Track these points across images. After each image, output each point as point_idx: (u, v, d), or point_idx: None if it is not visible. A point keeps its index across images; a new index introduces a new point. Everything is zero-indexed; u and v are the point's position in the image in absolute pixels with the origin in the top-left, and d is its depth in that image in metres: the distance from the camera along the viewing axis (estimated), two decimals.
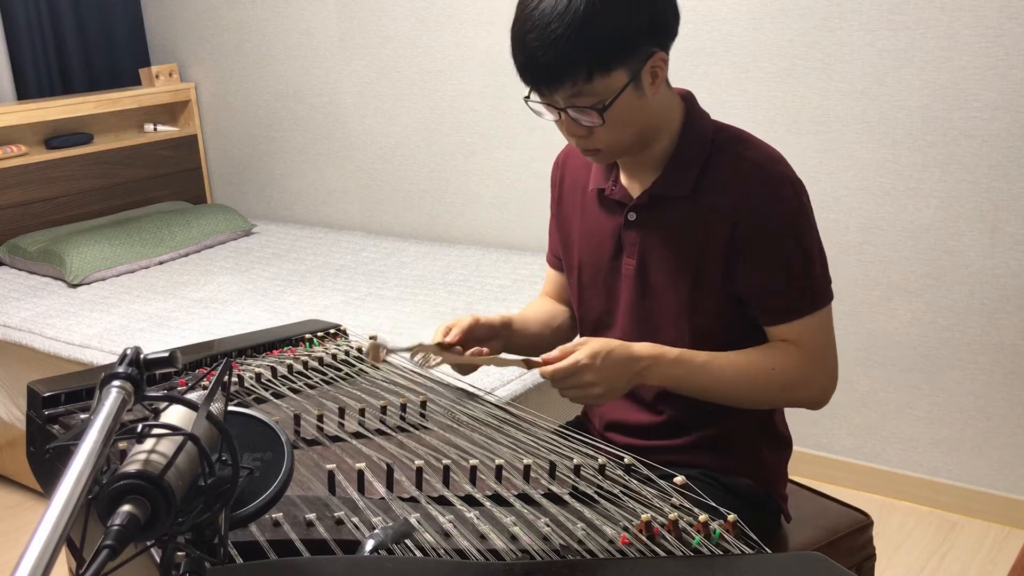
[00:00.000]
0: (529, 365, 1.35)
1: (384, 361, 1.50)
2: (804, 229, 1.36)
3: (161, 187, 4.07)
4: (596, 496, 1.15)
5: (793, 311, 1.36)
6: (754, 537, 1.06)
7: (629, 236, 1.44)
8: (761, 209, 1.33)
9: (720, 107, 2.72)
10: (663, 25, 1.31)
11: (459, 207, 3.48)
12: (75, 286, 3.22)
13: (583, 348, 1.29)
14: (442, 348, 1.44)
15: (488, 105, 3.28)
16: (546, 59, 1.26)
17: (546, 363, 1.31)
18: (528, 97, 1.35)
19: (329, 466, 1.15)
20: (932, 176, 2.48)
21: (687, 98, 1.43)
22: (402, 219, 3.66)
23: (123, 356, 0.81)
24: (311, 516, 1.06)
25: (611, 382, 1.30)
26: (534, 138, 3.20)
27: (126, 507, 0.73)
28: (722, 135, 1.40)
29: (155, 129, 4.06)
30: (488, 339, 1.49)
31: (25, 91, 3.80)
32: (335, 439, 1.31)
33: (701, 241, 1.37)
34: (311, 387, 1.49)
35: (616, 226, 1.45)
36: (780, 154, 1.38)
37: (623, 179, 1.46)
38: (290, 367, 1.56)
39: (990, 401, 2.53)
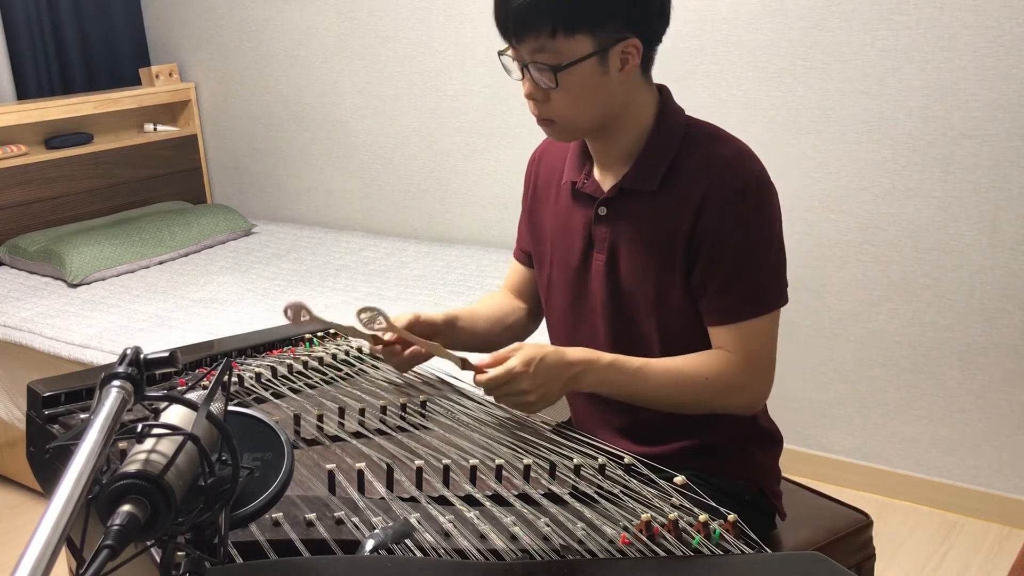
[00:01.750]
0: (464, 365, 1.36)
1: (301, 322, 1.45)
2: (762, 230, 1.35)
3: (161, 187, 4.07)
4: (596, 496, 1.15)
5: (737, 313, 1.35)
6: (754, 537, 1.06)
7: (599, 231, 1.43)
8: (722, 205, 1.32)
9: (720, 107, 2.73)
10: (643, 15, 1.31)
11: (459, 207, 3.48)
12: (75, 286, 3.22)
13: (517, 355, 1.29)
14: (376, 341, 1.44)
15: (488, 105, 3.28)
16: (515, 4, 1.28)
17: (481, 369, 1.31)
18: (502, 52, 1.36)
19: (329, 466, 1.15)
20: (932, 176, 2.48)
21: (663, 91, 1.43)
22: (402, 219, 3.66)
23: (123, 356, 0.81)
24: (311, 516, 1.06)
25: (545, 388, 1.30)
26: (534, 138, 3.19)
27: (126, 507, 0.73)
28: (694, 131, 1.39)
29: (155, 129, 4.06)
30: (428, 336, 1.49)
31: (25, 91, 3.80)
32: (335, 439, 1.31)
33: (666, 237, 1.37)
34: (311, 387, 1.49)
35: (587, 221, 1.45)
36: (751, 151, 1.37)
37: (596, 173, 1.45)
38: (290, 367, 1.56)
39: (990, 401, 2.53)
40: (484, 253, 3.27)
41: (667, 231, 1.36)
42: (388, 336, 1.45)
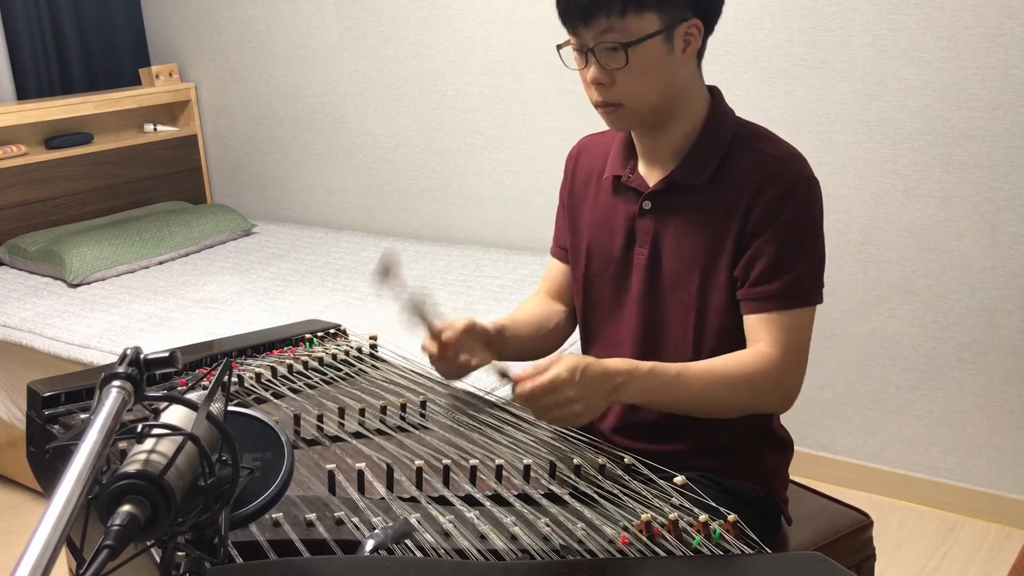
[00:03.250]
0: (503, 376, 1.30)
1: (387, 282, 1.40)
2: (808, 229, 1.37)
3: (161, 187, 4.07)
4: (596, 496, 1.15)
5: (774, 301, 1.35)
6: (754, 537, 1.06)
7: (643, 225, 1.44)
8: (773, 202, 1.34)
9: None
10: None
11: (459, 207, 3.48)
12: (75, 286, 3.22)
13: (560, 363, 1.23)
14: (435, 337, 1.41)
15: (488, 105, 3.28)
16: None
17: (520, 380, 1.24)
18: (562, 45, 1.39)
19: (329, 466, 1.15)
20: (932, 176, 2.48)
21: (714, 92, 1.45)
22: (402, 219, 3.66)
23: (123, 356, 0.81)
24: (311, 516, 1.06)
25: (590, 399, 1.24)
26: (534, 138, 3.20)
27: (126, 507, 0.73)
28: (744, 130, 1.41)
29: (155, 129, 4.06)
30: (482, 344, 1.48)
31: (25, 91, 3.80)
32: (335, 439, 1.31)
33: (714, 232, 1.37)
34: (311, 387, 1.49)
35: (630, 215, 1.45)
36: (800, 153, 1.39)
37: (641, 168, 1.46)
38: (290, 367, 1.56)
39: (990, 401, 2.53)
40: (484, 253, 3.27)
41: (715, 226, 1.37)
42: (445, 337, 1.40)
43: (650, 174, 1.44)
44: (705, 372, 1.35)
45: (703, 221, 1.38)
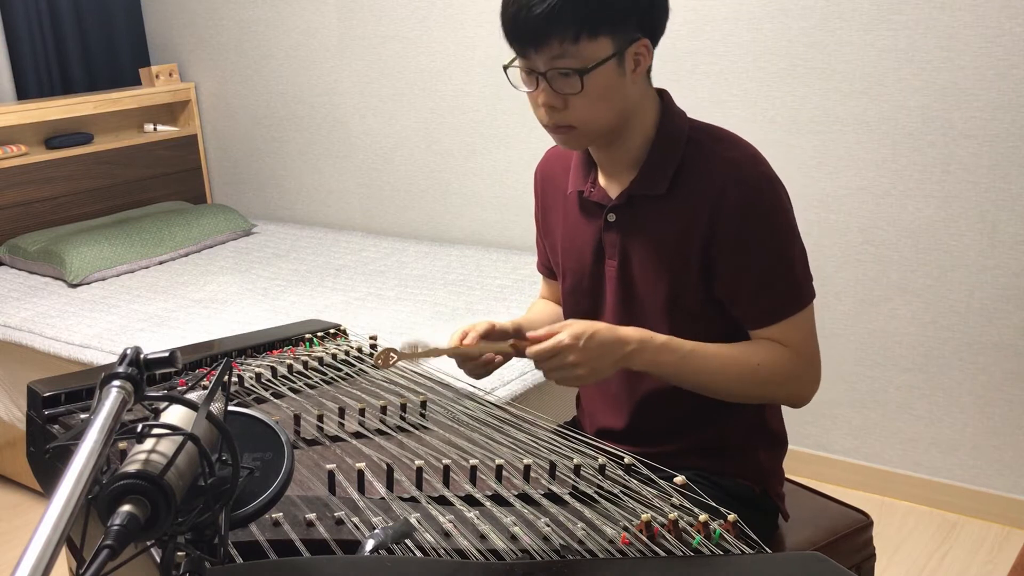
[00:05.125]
0: (515, 346, 1.35)
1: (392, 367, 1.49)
2: (783, 229, 1.36)
3: (161, 187, 4.07)
4: (596, 496, 1.15)
5: (777, 314, 1.36)
6: (754, 537, 1.06)
7: (610, 238, 1.43)
8: (738, 210, 1.32)
9: (720, 107, 2.73)
10: (651, 13, 1.32)
11: (459, 207, 3.48)
12: (75, 286, 3.22)
13: (567, 329, 1.28)
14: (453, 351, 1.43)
15: (488, 105, 3.28)
16: (537, 11, 1.26)
17: (532, 342, 1.30)
18: (508, 65, 1.34)
19: (329, 466, 1.15)
20: (932, 176, 2.48)
21: (663, 96, 1.43)
22: (402, 219, 3.66)
23: (123, 356, 0.81)
24: (311, 516, 1.06)
25: (594, 363, 1.28)
26: (534, 138, 3.20)
27: (126, 507, 0.73)
28: (698, 133, 1.39)
29: (155, 129, 4.06)
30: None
31: (25, 91, 3.80)
32: (335, 439, 1.31)
33: (679, 241, 1.37)
34: (311, 387, 1.49)
35: (596, 229, 1.45)
36: (758, 151, 1.37)
37: (601, 180, 1.45)
38: (290, 367, 1.56)
39: (990, 401, 2.53)
40: (484, 253, 3.27)
41: (679, 233, 1.37)
42: (468, 341, 1.41)
43: (611, 186, 1.44)
44: (719, 356, 1.35)
45: (667, 229, 1.38)
